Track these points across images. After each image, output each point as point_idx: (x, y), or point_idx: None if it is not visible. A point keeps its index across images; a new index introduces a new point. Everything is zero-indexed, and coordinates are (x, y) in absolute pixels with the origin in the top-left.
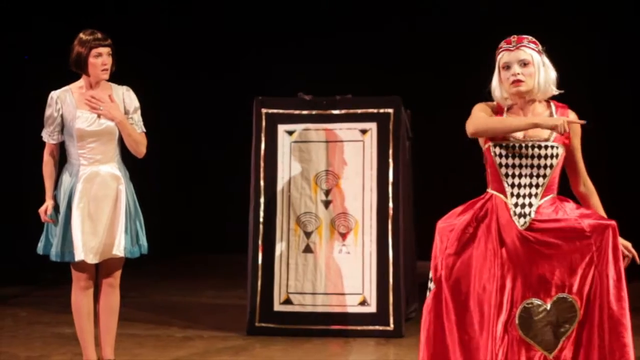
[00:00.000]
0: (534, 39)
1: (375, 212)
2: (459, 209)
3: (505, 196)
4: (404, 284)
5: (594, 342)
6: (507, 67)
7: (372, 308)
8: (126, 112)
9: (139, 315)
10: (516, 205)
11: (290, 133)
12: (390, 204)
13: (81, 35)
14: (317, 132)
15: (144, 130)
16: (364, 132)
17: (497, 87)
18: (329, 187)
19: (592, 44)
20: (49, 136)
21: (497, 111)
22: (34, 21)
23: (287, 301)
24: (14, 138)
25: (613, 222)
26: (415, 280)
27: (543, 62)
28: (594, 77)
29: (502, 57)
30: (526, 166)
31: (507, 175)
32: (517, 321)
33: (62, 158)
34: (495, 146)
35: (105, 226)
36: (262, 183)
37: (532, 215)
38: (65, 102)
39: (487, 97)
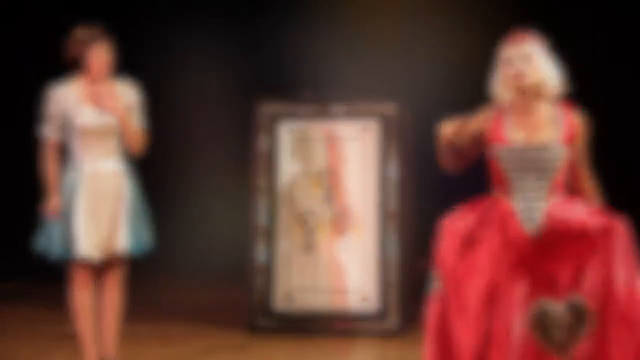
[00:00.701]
0: (537, 36)
1: (377, 210)
2: (464, 209)
3: (512, 200)
4: (406, 282)
5: (608, 343)
6: (510, 61)
7: (373, 306)
8: (128, 108)
9: (141, 312)
10: (523, 209)
11: (291, 130)
12: (392, 202)
13: (79, 31)
14: (318, 129)
15: (145, 127)
16: (365, 129)
17: (498, 84)
18: (330, 184)
19: (594, 43)
20: (50, 132)
21: (496, 113)
22: (33, 20)
23: (289, 299)
24: (14, 134)
25: (622, 220)
26: (417, 278)
27: (547, 58)
28: (598, 76)
29: (504, 52)
30: (531, 169)
31: (512, 179)
32: (530, 325)
33: (63, 155)
34: (499, 150)
35: (108, 222)
36: (262, 181)
37: (540, 218)
38: (67, 97)
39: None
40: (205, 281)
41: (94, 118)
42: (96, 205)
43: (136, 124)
